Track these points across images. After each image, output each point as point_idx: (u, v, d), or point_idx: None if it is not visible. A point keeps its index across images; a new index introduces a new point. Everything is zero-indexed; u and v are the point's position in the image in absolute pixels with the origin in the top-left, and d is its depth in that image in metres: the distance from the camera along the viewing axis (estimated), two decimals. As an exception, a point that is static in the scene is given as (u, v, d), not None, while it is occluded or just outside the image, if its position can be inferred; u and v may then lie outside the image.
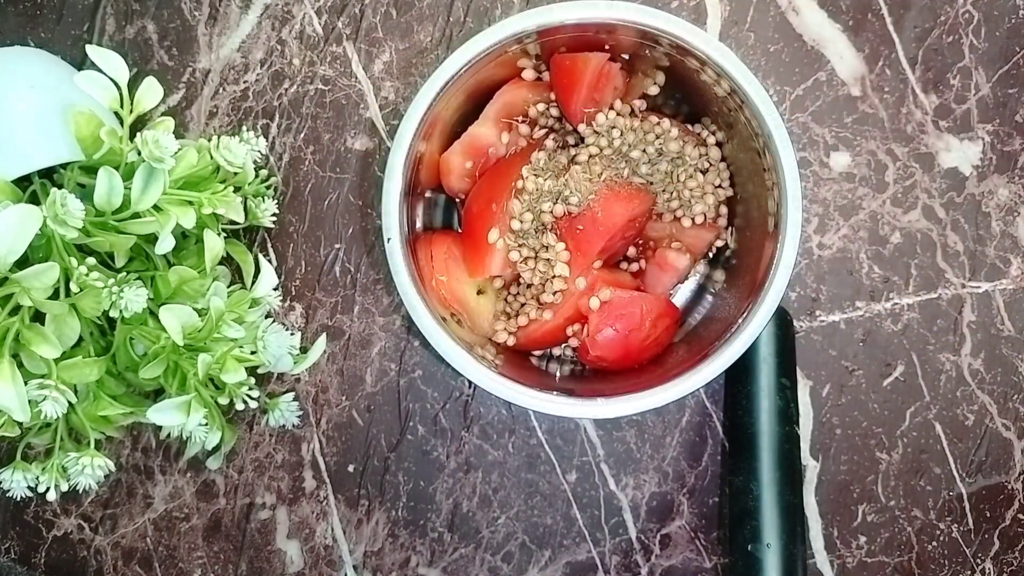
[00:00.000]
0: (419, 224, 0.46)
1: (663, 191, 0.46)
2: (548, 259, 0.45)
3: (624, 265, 0.48)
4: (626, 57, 0.45)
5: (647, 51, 0.44)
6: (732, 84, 0.41)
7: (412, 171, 0.43)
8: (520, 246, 0.45)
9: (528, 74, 0.46)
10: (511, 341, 0.46)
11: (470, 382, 0.43)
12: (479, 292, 0.46)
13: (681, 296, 0.48)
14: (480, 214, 0.45)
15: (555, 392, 0.42)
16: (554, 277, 0.45)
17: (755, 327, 0.41)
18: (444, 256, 0.45)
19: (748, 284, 0.43)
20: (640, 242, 0.48)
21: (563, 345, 0.48)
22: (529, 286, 0.46)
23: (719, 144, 0.46)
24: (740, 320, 0.41)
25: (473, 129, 0.46)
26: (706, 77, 0.43)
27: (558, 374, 0.48)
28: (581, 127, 0.45)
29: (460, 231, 0.48)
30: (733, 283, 0.46)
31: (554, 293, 0.45)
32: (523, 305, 0.46)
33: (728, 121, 0.44)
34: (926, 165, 0.48)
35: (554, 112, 0.47)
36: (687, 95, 0.46)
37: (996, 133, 0.48)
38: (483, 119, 0.46)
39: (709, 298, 0.48)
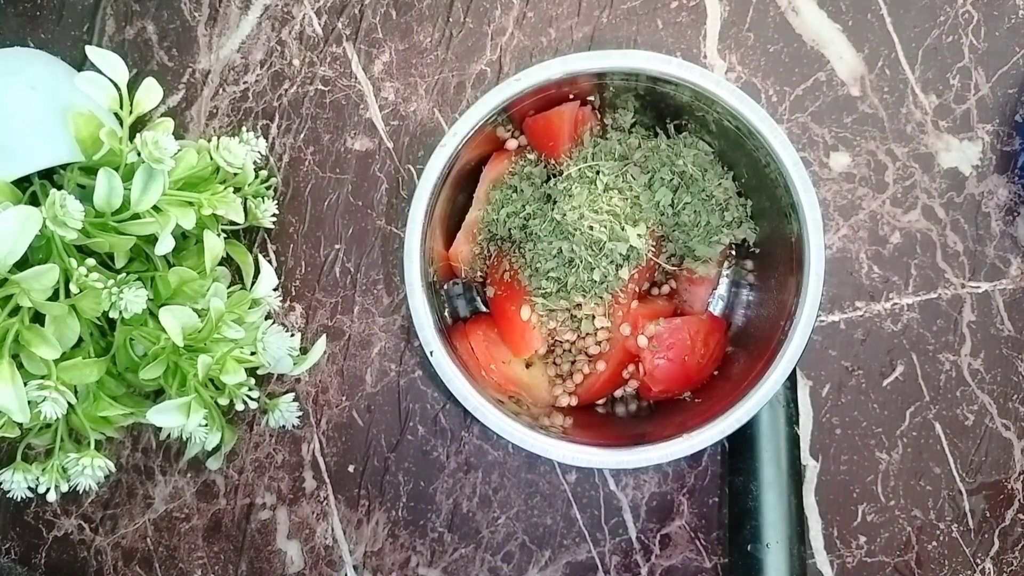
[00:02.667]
0: (448, 318, 0.46)
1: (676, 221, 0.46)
2: (585, 315, 0.44)
3: (655, 290, 0.47)
4: (591, 99, 0.45)
5: (611, 88, 0.44)
6: (729, 111, 0.41)
7: (430, 277, 0.43)
8: (554, 313, 0.45)
9: (511, 144, 0.46)
10: (574, 402, 0.46)
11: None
12: (528, 365, 0.46)
13: (719, 302, 0.48)
14: (506, 295, 0.45)
15: (631, 440, 0.42)
16: (597, 330, 0.45)
17: (808, 315, 0.41)
18: (483, 343, 0.45)
19: (782, 273, 0.43)
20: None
21: (623, 389, 0.48)
22: (574, 343, 0.46)
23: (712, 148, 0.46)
24: (790, 314, 0.41)
25: (471, 216, 0.46)
26: (685, 98, 0.43)
27: (625, 415, 0.47)
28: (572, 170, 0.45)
29: (489, 314, 0.47)
30: (765, 272, 0.46)
31: (599, 343, 0.45)
32: (574, 363, 0.46)
33: (714, 130, 0.45)
34: (926, 165, 0.48)
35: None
36: (663, 115, 0.46)
37: (996, 133, 0.48)
38: (477, 202, 0.46)
39: (745, 293, 0.47)
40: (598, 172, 0.44)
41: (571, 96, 0.44)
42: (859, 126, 0.48)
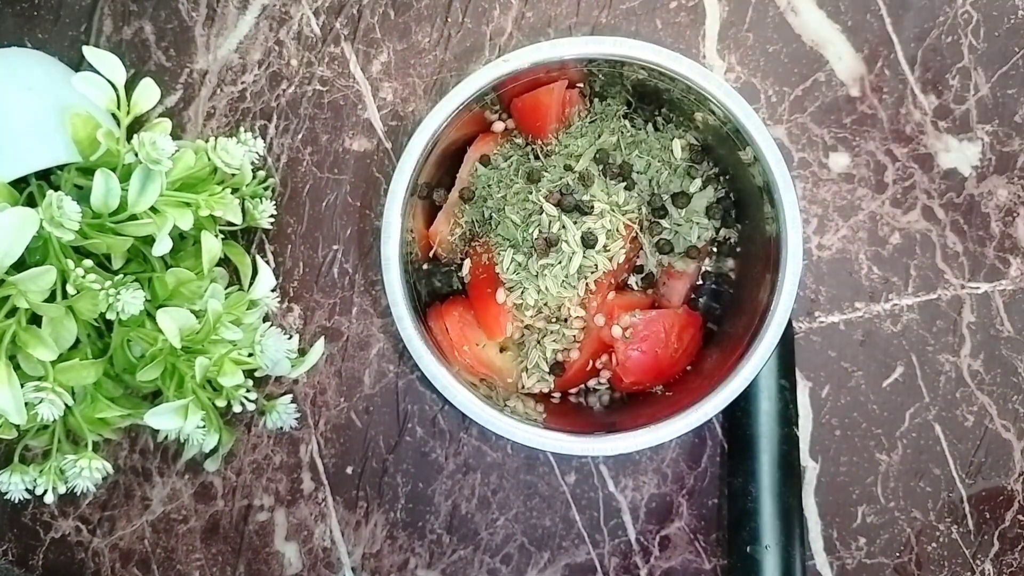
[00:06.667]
0: (424, 297, 0.46)
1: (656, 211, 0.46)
2: (560, 303, 0.44)
3: (633, 280, 0.47)
4: (581, 86, 0.45)
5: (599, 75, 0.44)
6: (721, 108, 0.41)
7: (409, 255, 0.43)
8: (528, 298, 0.44)
9: (498, 126, 0.46)
10: (546, 388, 0.46)
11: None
12: (502, 350, 0.46)
13: (698, 298, 0.48)
14: (483, 277, 0.45)
15: (603, 430, 0.42)
16: (573, 319, 0.44)
17: (781, 314, 0.41)
18: (459, 324, 0.45)
19: (760, 272, 0.43)
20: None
21: (596, 379, 0.47)
22: (548, 330, 0.46)
23: (701, 145, 0.46)
24: (764, 313, 0.41)
25: (452, 196, 0.46)
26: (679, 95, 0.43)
27: (597, 406, 0.47)
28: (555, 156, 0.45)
29: (466, 296, 0.47)
30: (745, 271, 0.46)
31: (573, 331, 0.45)
32: (547, 350, 0.46)
33: (699, 125, 0.45)
34: (925, 166, 0.48)
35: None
36: (652, 108, 0.46)
37: (995, 134, 0.48)
38: (460, 182, 0.46)
39: (725, 290, 0.47)
40: (579, 158, 0.44)
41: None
42: (858, 126, 0.48)
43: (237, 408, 0.40)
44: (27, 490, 0.41)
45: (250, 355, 0.41)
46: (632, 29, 0.49)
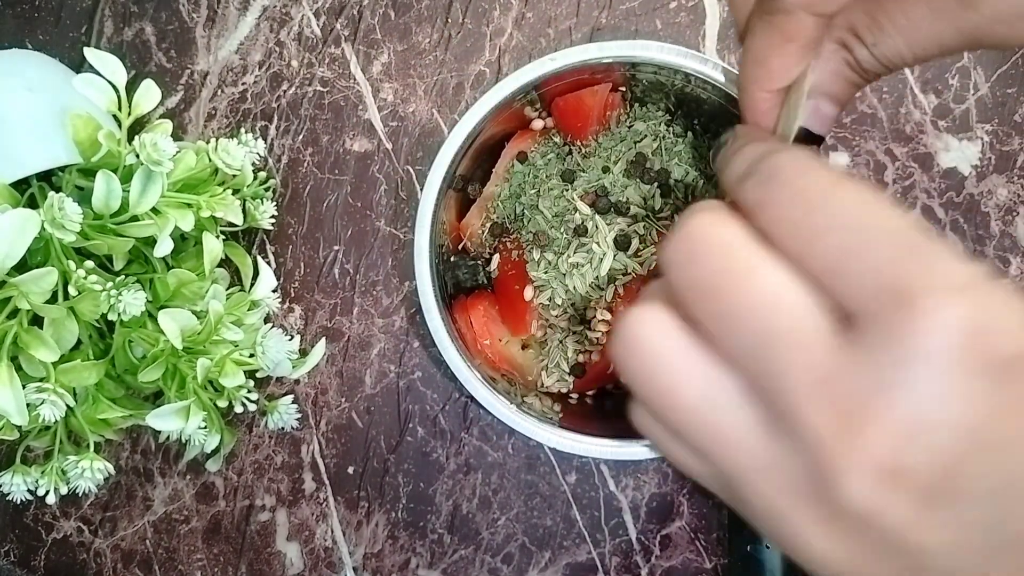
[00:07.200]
0: (449, 289, 0.46)
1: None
2: (586, 305, 0.44)
3: None
4: (623, 89, 0.45)
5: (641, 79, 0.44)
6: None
7: (438, 251, 0.43)
8: (555, 297, 0.44)
9: (537, 124, 0.46)
10: (565, 388, 0.46)
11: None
12: (524, 347, 0.46)
13: None
14: (511, 274, 0.45)
15: (616, 434, 0.41)
16: (598, 321, 0.44)
17: None
18: (483, 318, 0.45)
19: None
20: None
21: (614, 383, 0.47)
22: (572, 330, 0.45)
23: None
24: None
25: (487, 190, 0.46)
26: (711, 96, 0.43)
27: (613, 409, 0.46)
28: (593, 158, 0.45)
29: (492, 291, 0.47)
30: None
31: (596, 333, 0.45)
32: (568, 350, 0.46)
33: None
34: (925, 165, 0.48)
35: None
36: (692, 117, 0.46)
37: (995, 133, 0.48)
38: (495, 177, 0.46)
39: None
40: (616, 161, 0.44)
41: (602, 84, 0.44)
42: (858, 126, 0.48)
43: (238, 409, 0.41)
44: (29, 491, 0.41)
45: (251, 356, 0.41)
46: (632, 29, 0.49)
